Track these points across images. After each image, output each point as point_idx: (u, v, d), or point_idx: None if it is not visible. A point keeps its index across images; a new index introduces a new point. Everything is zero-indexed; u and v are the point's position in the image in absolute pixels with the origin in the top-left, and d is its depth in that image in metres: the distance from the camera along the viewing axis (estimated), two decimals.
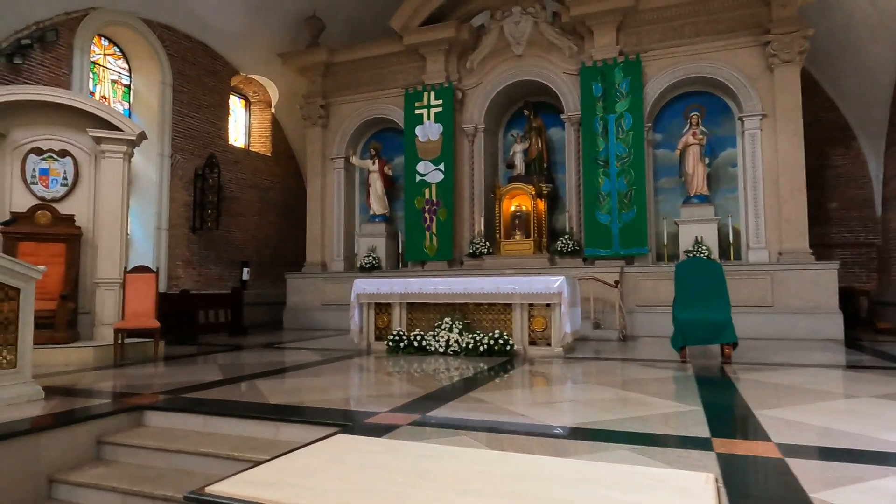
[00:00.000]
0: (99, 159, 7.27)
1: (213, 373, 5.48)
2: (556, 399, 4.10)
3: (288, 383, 4.89)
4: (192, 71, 11.44)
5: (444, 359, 6.60)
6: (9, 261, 4.05)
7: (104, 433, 3.67)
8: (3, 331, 4.03)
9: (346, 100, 12.16)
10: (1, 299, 4.03)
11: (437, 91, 11.15)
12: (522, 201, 10.53)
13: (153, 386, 4.73)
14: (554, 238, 10.69)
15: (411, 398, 4.15)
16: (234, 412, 3.72)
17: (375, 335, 7.72)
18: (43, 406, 3.99)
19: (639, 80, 9.81)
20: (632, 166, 9.74)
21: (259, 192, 13.25)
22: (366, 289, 7.64)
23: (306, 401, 4.11)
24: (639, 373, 5.38)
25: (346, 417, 3.54)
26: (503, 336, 6.75)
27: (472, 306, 7.26)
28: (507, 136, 11.89)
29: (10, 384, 4.04)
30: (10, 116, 6.84)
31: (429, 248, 11.05)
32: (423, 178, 11.15)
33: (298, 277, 11.99)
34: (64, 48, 9.12)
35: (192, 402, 4.04)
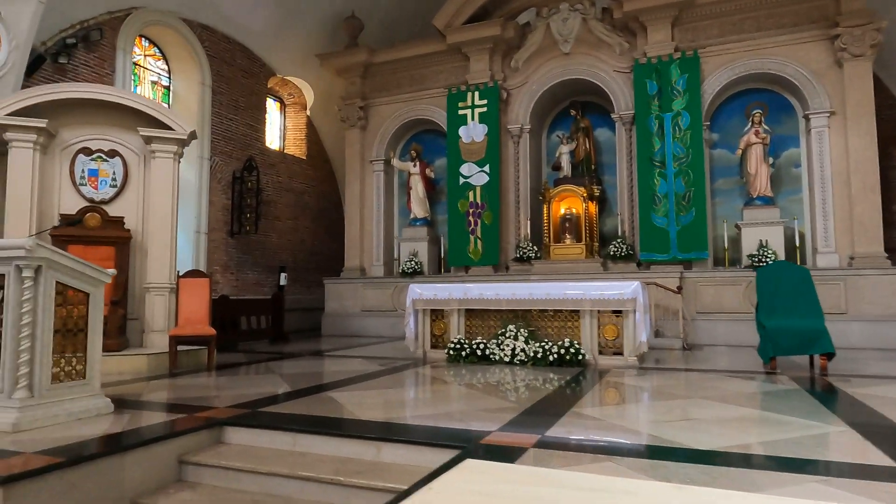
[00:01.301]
0: (148, 160, 7.02)
1: (278, 383, 5.15)
2: (674, 416, 3.70)
3: (366, 396, 4.54)
4: (231, 72, 11.23)
5: (511, 369, 6.22)
6: (79, 263, 3.75)
7: (185, 452, 3.34)
8: (72, 339, 3.73)
9: (386, 101, 11.87)
10: (70, 305, 3.73)
11: (481, 91, 10.82)
12: (572, 204, 10.14)
13: (222, 398, 4.40)
14: (603, 242, 10.29)
15: (510, 413, 3.79)
16: (327, 430, 3.37)
17: (431, 343, 7.37)
18: (113, 420, 3.67)
19: (696, 77, 9.40)
20: (690, 167, 9.32)
21: (294, 196, 12.99)
22: (422, 294, 7.29)
23: (397, 416, 3.76)
24: (737, 385, 4.96)
25: (456, 437, 3.18)
26: (574, 345, 6.36)
27: (536, 313, 6.88)
28: (551, 138, 11.53)
29: (80, 397, 3.74)
30: (58, 116, 6.61)
31: (473, 253, 10.69)
32: (466, 181, 10.81)
33: (337, 283, 11.68)
34: (107, 48, 8.92)
35: (276, 418, 3.70)
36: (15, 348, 3.45)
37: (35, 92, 6.45)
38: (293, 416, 3.75)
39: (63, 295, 3.68)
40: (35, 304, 3.50)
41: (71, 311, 3.74)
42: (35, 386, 3.48)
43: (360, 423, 3.53)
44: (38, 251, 3.47)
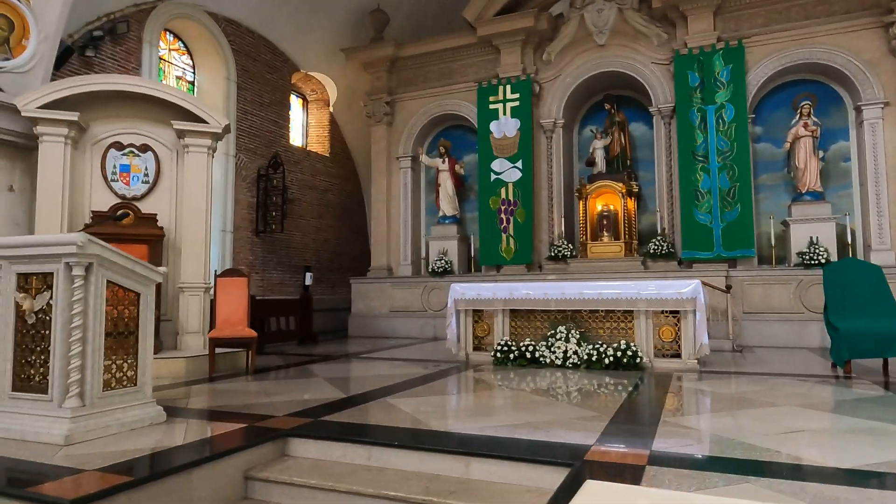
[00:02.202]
0: (181, 155, 6.75)
1: (327, 389, 4.86)
2: (778, 426, 3.36)
3: (427, 402, 4.24)
4: (255, 67, 10.97)
5: (563, 372, 5.91)
6: (130, 260, 3.47)
7: (250, 466, 3.05)
8: (124, 342, 3.45)
9: (413, 96, 11.58)
10: (121, 305, 3.45)
11: (513, 84, 10.50)
12: (610, 200, 9.80)
13: (275, 406, 4.11)
14: (641, 240, 9.94)
15: (596, 422, 3.48)
16: (408, 443, 3.07)
17: (474, 345, 7.06)
18: (167, 431, 3.39)
19: (741, 67, 9.04)
20: (735, 161, 8.96)
21: (318, 194, 12.71)
22: (465, 294, 6.98)
23: (474, 427, 3.45)
24: (818, 391, 4.62)
25: (554, 452, 2.87)
26: (630, 347, 6.03)
27: (586, 314, 6.55)
28: (583, 132, 11.20)
29: (132, 405, 3.45)
30: (89, 109, 6.35)
31: (505, 252, 10.38)
32: (498, 177, 10.49)
33: (364, 282, 11.39)
34: (133, 41, 8.67)
35: (345, 429, 3.40)
36: (65, 353, 3.17)
37: (66, 84, 6.19)
38: (363, 426, 3.46)
39: (113, 295, 3.40)
40: (86, 305, 3.22)
41: (122, 313, 3.46)
42: (86, 394, 3.21)
43: (440, 435, 3.23)
44: (90, 247, 3.19)
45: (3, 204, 6.49)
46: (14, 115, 6.29)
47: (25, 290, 3.30)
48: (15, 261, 3.33)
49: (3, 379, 3.32)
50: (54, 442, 3.03)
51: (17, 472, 2.65)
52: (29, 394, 3.24)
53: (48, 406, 3.17)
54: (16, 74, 6.39)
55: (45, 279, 3.26)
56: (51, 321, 3.22)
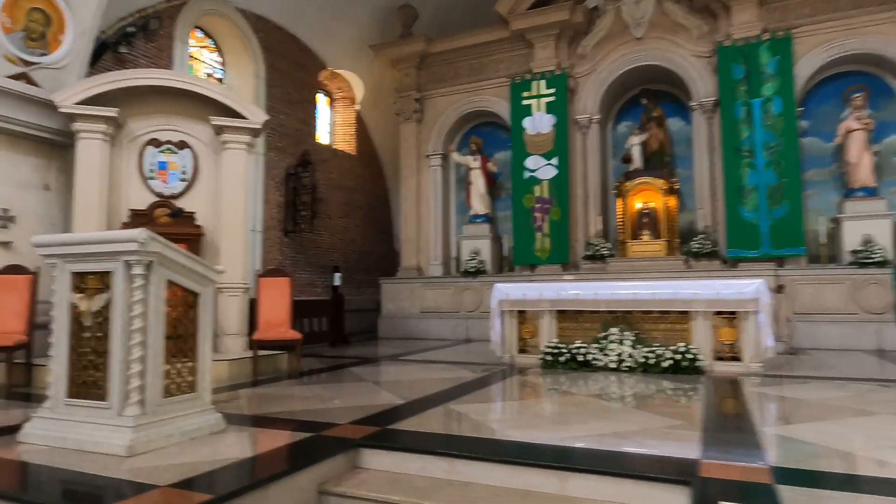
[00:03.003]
0: (218, 151, 6.57)
1: (380, 393, 4.64)
2: (893, 438, 3.09)
3: (492, 409, 4.01)
4: (284, 65, 10.80)
5: (619, 377, 5.64)
6: (189, 259, 3.27)
7: (324, 480, 2.83)
8: (182, 346, 3.24)
9: (443, 92, 11.35)
10: (181, 306, 3.25)
11: (548, 80, 10.23)
12: (650, 198, 9.50)
13: (334, 412, 3.90)
14: (682, 238, 9.62)
15: (686, 430, 3.24)
16: (492, 455, 2.83)
17: (518, 347, 6.81)
18: (230, 440, 3.18)
19: (788, 59, 8.71)
20: (782, 156, 8.63)
21: (345, 194, 12.53)
22: (509, 294, 6.74)
23: (556, 437, 3.19)
24: None
25: (661, 467, 2.62)
26: (690, 350, 5.75)
27: (639, 315, 6.27)
28: (617, 128, 10.90)
29: (192, 413, 3.25)
30: (126, 105, 6.18)
31: (540, 251, 10.11)
32: (532, 175, 10.23)
33: (394, 283, 11.18)
34: (165, 38, 8.54)
35: (421, 439, 3.17)
36: (125, 357, 2.97)
37: (104, 79, 6.04)
38: (438, 436, 3.22)
39: (172, 295, 3.20)
40: (146, 306, 3.02)
41: (180, 314, 3.26)
42: (147, 401, 3.00)
43: (526, 446, 2.98)
44: (151, 244, 2.99)
45: (39, 203, 6.36)
46: (50, 111, 6.15)
47: (82, 290, 3.11)
48: (70, 259, 3.14)
49: (58, 384, 3.13)
50: (116, 453, 2.83)
51: (86, 486, 2.45)
52: (86, 400, 3.05)
53: (107, 414, 2.97)
54: (52, 70, 6.25)
55: (103, 279, 3.07)
56: (109, 323, 3.03)
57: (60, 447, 2.97)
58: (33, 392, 4.87)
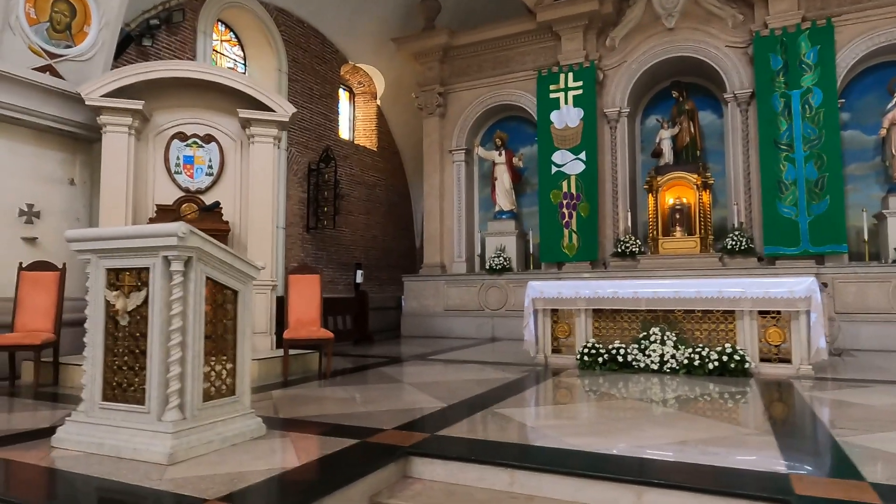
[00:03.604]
0: (245, 145, 6.42)
1: (419, 396, 4.45)
2: None
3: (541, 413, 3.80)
4: (305, 59, 10.65)
5: (662, 379, 5.40)
6: (229, 254, 3.09)
7: (375, 492, 2.64)
8: (221, 346, 3.06)
9: (466, 86, 11.12)
10: (220, 304, 3.07)
11: (576, 72, 9.97)
12: (682, 193, 9.23)
13: (375, 416, 3.71)
14: (715, 234, 9.32)
15: (756, 437, 3.00)
16: (559, 466, 2.62)
17: (552, 347, 6.58)
18: (273, 447, 3.00)
19: (830, 48, 8.38)
20: (823, 149, 8.31)
21: (366, 190, 12.36)
22: (544, 292, 6.51)
23: (616, 446, 2.97)
24: None
25: (748, 482, 2.39)
26: (737, 351, 5.49)
27: (681, 314, 6.02)
28: (646, 122, 10.61)
29: (233, 417, 3.07)
30: (152, 98, 6.05)
31: (567, 248, 9.86)
32: (559, 170, 9.98)
33: (417, 280, 10.99)
34: (188, 31, 8.40)
35: (475, 447, 2.97)
36: (164, 359, 2.80)
37: (130, 71, 5.90)
38: (494, 444, 3.01)
39: (210, 293, 3.02)
40: (185, 304, 2.85)
41: (219, 313, 3.08)
42: (186, 405, 2.83)
43: (594, 457, 2.77)
44: (191, 239, 2.81)
45: (64, 198, 6.24)
46: (75, 105, 6.04)
47: (117, 287, 2.94)
48: (104, 255, 2.97)
49: (92, 386, 2.97)
50: (155, 460, 2.65)
51: (128, 498, 2.28)
52: (122, 404, 2.88)
53: (145, 419, 2.80)
54: (77, 63, 6.13)
55: (140, 275, 2.90)
56: (146, 323, 2.85)
57: (96, 453, 2.81)
58: (60, 392, 4.74)
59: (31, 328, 4.91)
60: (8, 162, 5.76)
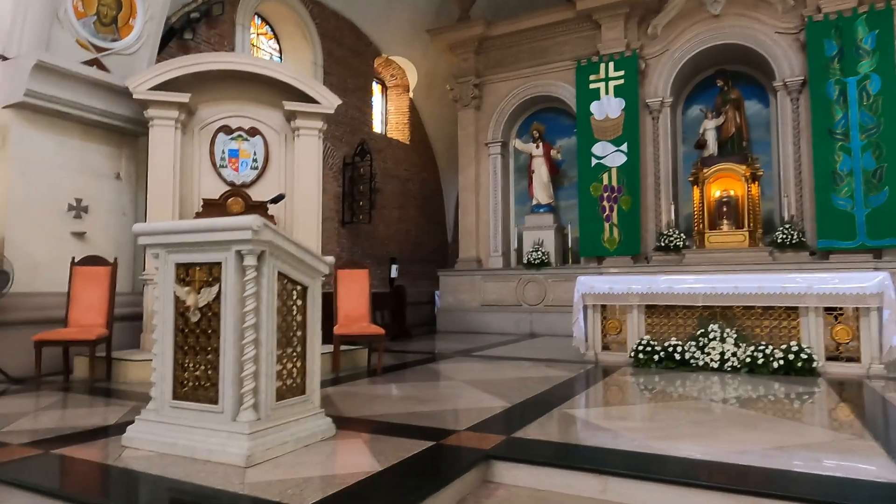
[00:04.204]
0: (289, 139, 6.33)
1: (480, 395, 4.31)
2: None
3: (614, 413, 3.64)
4: (340, 51, 10.54)
5: (723, 377, 5.19)
6: (300, 248, 2.98)
7: (460, 497, 2.51)
8: (289, 343, 2.96)
9: (502, 78, 10.93)
10: (290, 300, 2.97)
11: (617, 61, 9.72)
12: (730, 185, 8.94)
13: (442, 416, 3.60)
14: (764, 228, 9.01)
15: (859, 441, 2.80)
16: (658, 474, 2.46)
17: (602, 344, 6.40)
18: (346, 448, 2.89)
19: (889, 32, 8.01)
20: (882, 138, 7.96)
21: (399, 184, 12.25)
22: (594, 287, 6.33)
23: (707, 451, 2.80)
24: None
25: (868, 495, 2.21)
26: (804, 349, 5.26)
27: (740, 311, 5.79)
28: (687, 113, 10.30)
29: (304, 417, 2.97)
30: (196, 91, 5.97)
31: (608, 242, 9.64)
32: (600, 162, 9.74)
33: (453, 275, 10.86)
34: (227, 24, 8.35)
35: (559, 450, 2.83)
36: (237, 357, 2.70)
37: (176, 63, 5.84)
38: (579, 448, 2.87)
39: (282, 288, 2.91)
40: (258, 300, 2.74)
41: (290, 309, 2.98)
42: (261, 405, 2.73)
43: (691, 464, 2.60)
44: (264, 232, 2.71)
45: (110, 193, 6.23)
46: (121, 98, 6.00)
47: (187, 283, 2.85)
48: (174, 249, 2.88)
49: (162, 385, 2.89)
50: (232, 462, 2.56)
51: (215, 502, 2.18)
52: (194, 403, 2.80)
53: (219, 419, 2.70)
54: (122, 56, 6.09)
55: (211, 270, 2.80)
56: (218, 319, 2.76)
57: (169, 453, 2.73)
58: (114, 387, 4.71)
59: (84, 323, 4.89)
60: (56, 156, 5.75)
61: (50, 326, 5.13)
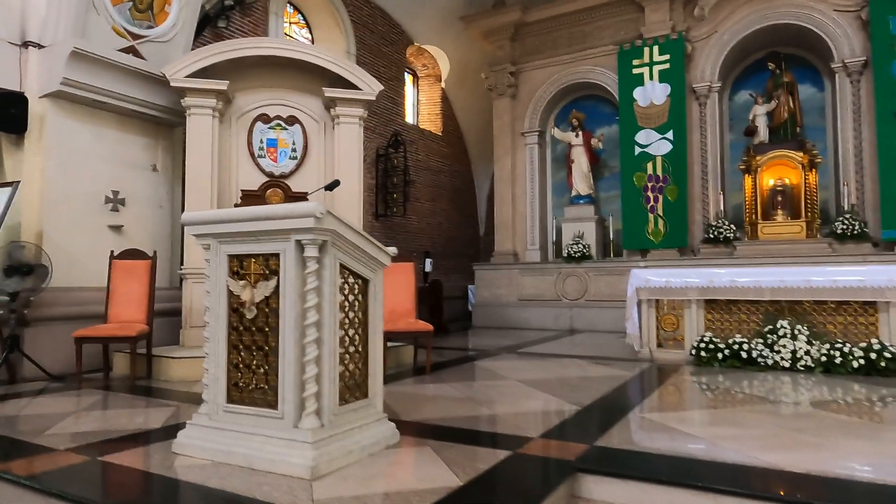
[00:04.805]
0: (328, 127, 6.09)
1: (545, 397, 4.02)
2: None
3: (699, 420, 3.32)
4: (372, 40, 10.30)
5: (794, 377, 4.81)
6: (362, 237, 2.72)
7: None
8: (351, 342, 2.70)
9: (539, 65, 10.56)
10: (352, 295, 2.71)
11: (661, 45, 9.29)
12: (784, 173, 8.47)
13: (508, 420, 3.32)
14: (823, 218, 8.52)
15: None
16: (783, 496, 2.14)
17: (657, 341, 6.05)
18: (416, 458, 2.63)
19: None
20: None
21: (431, 176, 11.99)
22: (650, 280, 5.98)
23: (829, 466, 2.47)
24: None
25: None
26: (887, 348, 4.85)
27: (810, 306, 5.39)
28: (734, 98, 9.81)
29: (367, 423, 2.71)
30: (233, 78, 5.76)
31: (653, 234, 9.24)
32: (644, 150, 9.34)
33: (488, 269, 10.56)
34: (260, 12, 8.15)
35: (655, 462, 2.52)
36: (299, 357, 2.45)
37: (213, 50, 5.63)
38: (678, 460, 2.56)
39: (343, 282, 2.66)
40: (320, 295, 2.49)
41: (353, 306, 2.72)
42: (324, 410, 2.48)
43: (818, 481, 2.28)
44: (328, 220, 2.45)
45: (147, 185, 6.07)
46: (157, 87, 5.83)
47: (242, 276, 2.61)
48: (227, 239, 2.64)
49: (216, 387, 2.65)
50: (295, 474, 2.31)
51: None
52: (250, 407, 2.56)
53: (278, 425, 2.46)
54: (158, 44, 5.90)
55: (268, 262, 2.55)
56: (276, 316, 2.51)
57: (224, 462, 2.49)
58: (155, 385, 4.53)
59: (124, 319, 4.72)
60: (93, 147, 5.59)
61: (88, 322, 4.98)
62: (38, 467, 2.49)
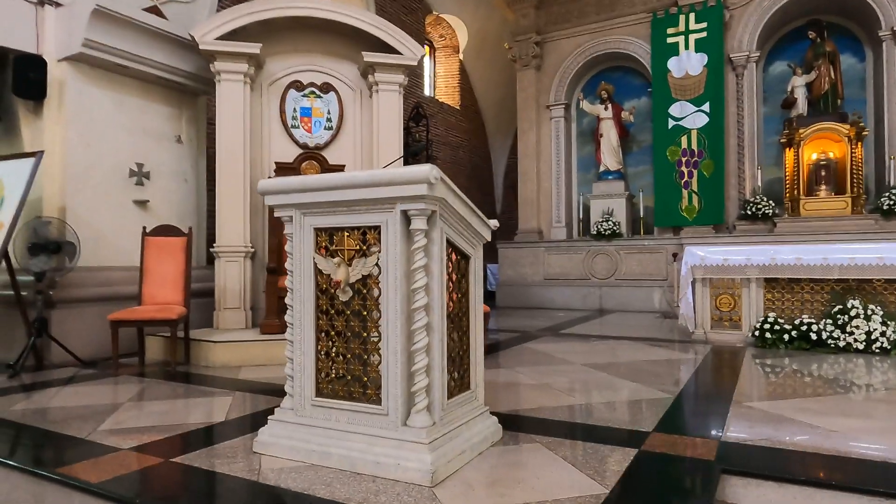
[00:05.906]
0: (364, 95, 5.70)
1: (616, 382, 3.73)
2: None
3: (808, 409, 3.04)
4: (392, 8, 9.83)
5: (868, 360, 4.55)
6: (470, 208, 2.38)
7: None
8: (457, 328, 2.38)
9: (565, 34, 10.12)
10: (456, 275, 2.38)
11: (698, 12, 8.87)
12: (828, 147, 8.15)
13: (603, 411, 3.02)
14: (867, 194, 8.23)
15: None
16: None
17: (711, 322, 5.77)
18: (533, 459, 2.32)
19: None
20: None
21: (451, 151, 11.60)
22: (705, 258, 5.67)
23: None
24: None
25: None
26: None
27: (880, 285, 5.11)
28: (769, 69, 9.42)
29: (473, 417, 2.41)
30: (264, 41, 5.34)
31: (686, 211, 8.94)
32: (678, 124, 8.99)
33: (513, 247, 10.24)
34: None
35: (809, 464, 2.23)
36: (405, 346, 2.13)
37: (243, 10, 5.20)
38: (826, 459, 2.27)
39: (447, 260, 2.33)
40: (429, 274, 2.16)
41: (459, 285, 2.39)
42: (434, 405, 2.17)
43: None
44: (439, 188, 2.11)
45: (171, 157, 5.68)
46: (181, 51, 5.42)
47: (332, 253, 2.28)
48: (314, 211, 2.30)
49: (302, 378, 2.33)
50: (412, 480, 2.01)
51: None
52: (345, 402, 2.24)
53: (383, 422, 2.15)
54: (182, 4, 5.46)
55: (364, 237, 2.22)
56: (377, 298, 2.18)
57: (319, 464, 2.19)
58: (197, 372, 4.21)
59: (160, 300, 4.38)
60: (115, 117, 5.19)
61: (119, 304, 4.64)
62: (106, 471, 2.18)
